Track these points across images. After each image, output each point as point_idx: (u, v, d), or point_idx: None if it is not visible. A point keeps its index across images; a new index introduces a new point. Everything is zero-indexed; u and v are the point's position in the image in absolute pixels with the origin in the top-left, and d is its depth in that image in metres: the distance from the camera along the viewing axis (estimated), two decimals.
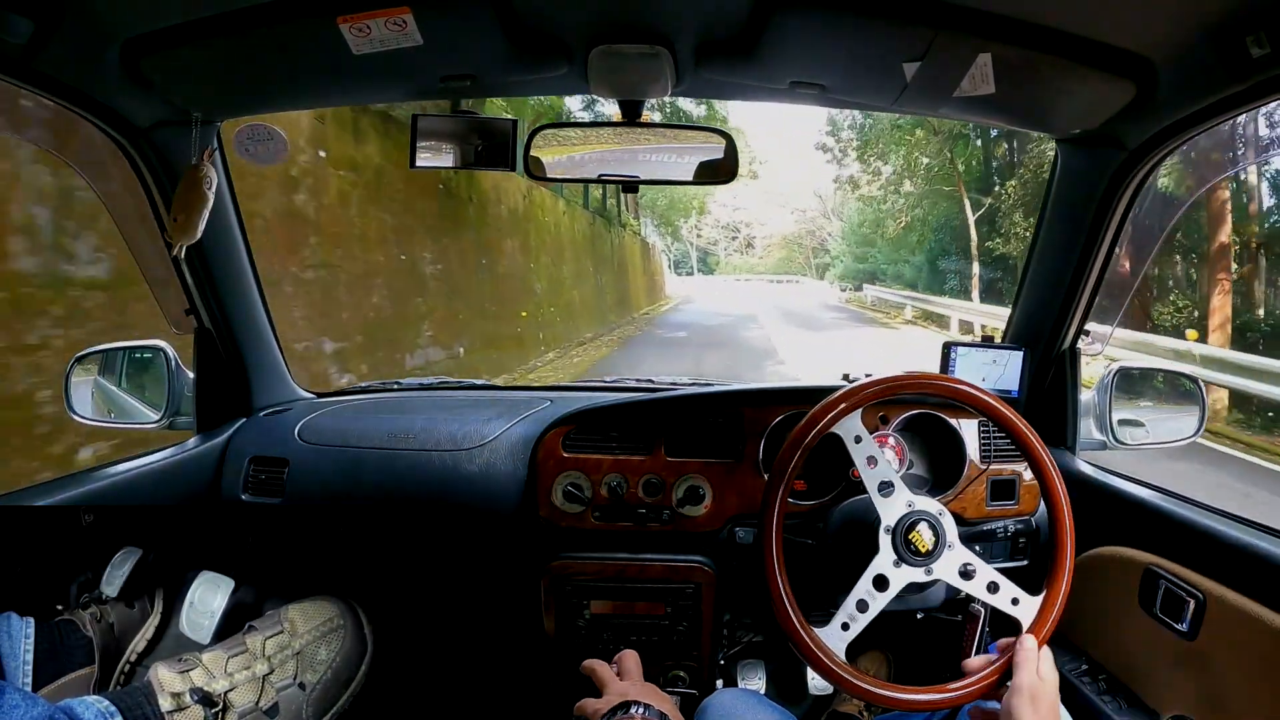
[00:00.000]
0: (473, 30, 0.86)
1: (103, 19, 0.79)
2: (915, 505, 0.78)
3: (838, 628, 0.76)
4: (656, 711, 0.66)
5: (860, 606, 0.77)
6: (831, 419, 0.79)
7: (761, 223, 51.51)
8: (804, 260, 45.90)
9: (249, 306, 1.26)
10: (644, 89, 0.98)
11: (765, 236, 52.16)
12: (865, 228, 26.81)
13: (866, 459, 1.09)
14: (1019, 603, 0.77)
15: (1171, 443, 1.22)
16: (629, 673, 0.75)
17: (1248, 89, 0.76)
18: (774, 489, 0.78)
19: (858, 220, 28.77)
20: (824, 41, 0.87)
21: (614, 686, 0.72)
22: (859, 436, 0.79)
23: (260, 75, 0.96)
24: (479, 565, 1.24)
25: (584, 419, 1.15)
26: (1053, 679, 0.70)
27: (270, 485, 1.19)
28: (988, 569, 0.78)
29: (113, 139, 1.00)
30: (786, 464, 0.78)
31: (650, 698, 0.69)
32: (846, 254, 30.41)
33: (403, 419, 1.28)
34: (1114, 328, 1.17)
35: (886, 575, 0.77)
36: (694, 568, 1.13)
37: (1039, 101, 0.94)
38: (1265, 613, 0.78)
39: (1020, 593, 0.77)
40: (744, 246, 53.84)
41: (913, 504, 0.79)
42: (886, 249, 23.62)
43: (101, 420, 1.25)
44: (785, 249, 48.70)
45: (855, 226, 29.18)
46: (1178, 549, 0.93)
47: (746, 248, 53.90)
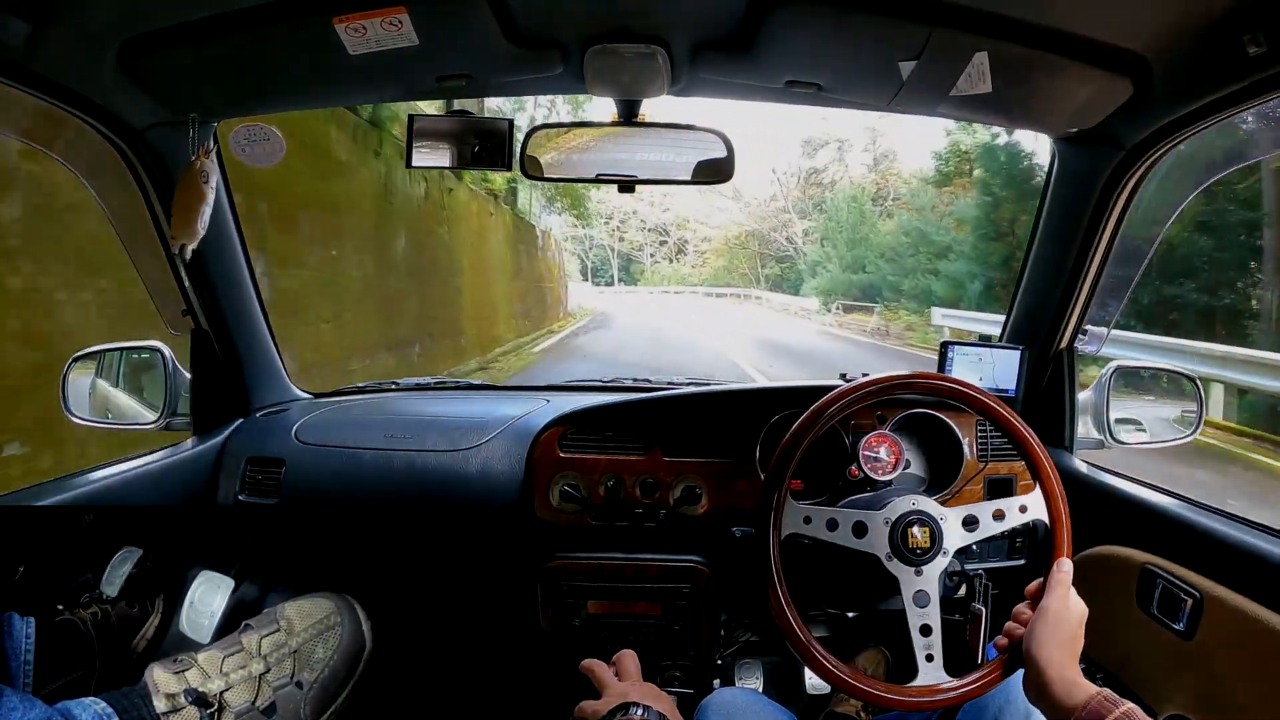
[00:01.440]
0: (468, 30, 0.86)
1: (99, 20, 0.79)
2: (915, 505, 0.78)
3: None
4: (656, 713, 0.66)
5: (830, 524, 0.77)
6: (828, 418, 0.79)
7: (700, 221, 42.11)
8: (749, 269, 36.22)
9: (246, 307, 1.26)
10: (640, 88, 0.98)
11: (701, 240, 42.78)
12: (909, 239, 16.40)
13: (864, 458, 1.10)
14: (931, 660, 0.75)
15: (1169, 442, 1.21)
16: (628, 673, 0.75)
17: (1245, 87, 0.76)
18: (771, 488, 0.78)
19: (848, 217, 22.32)
20: (819, 40, 0.87)
21: (613, 687, 0.72)
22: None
23: (257, 76, 0.96)
24: (476, 565, 1.24)
25: (581, 419, 1.15)
26: (1080, 611, 0.69)
27: (267, 486, 1.19)
28: (937, 618, 0.76)
29: (109, 140, 1.00)
30: (784, 463, 0.78)
31: (649, 698, 0.69)
32: (832, 261, 22.21)
33: (399, 419, 1.28)
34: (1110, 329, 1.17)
35: (867, 526, 0.77)
36: (691, 567, 1.13)
37: (1036, 100, 0.93)
38: (1262, 612, 0.78)
39: (939, 656, 0.75)
40: (674, 253, 44.89)
41: (913, 504, 0.78)
42: (924, 257, 14.96)
43: (98, 421, 1.25)
44: (726, 255, 38.61)
45: (847, 225, 22.21)
46: (1175, 548, 0.93)
47: (677, 254, 44.74)
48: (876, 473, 1.09)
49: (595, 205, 27.81)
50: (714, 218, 40.78)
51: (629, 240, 45.19)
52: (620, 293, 37.11)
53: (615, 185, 1.07)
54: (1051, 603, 0.69)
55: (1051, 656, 0.65)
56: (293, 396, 1.41)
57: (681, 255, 45.09)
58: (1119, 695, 0.60)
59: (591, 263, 43.76)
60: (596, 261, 44.56)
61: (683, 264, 44.46)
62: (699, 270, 41.64)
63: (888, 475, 1.09)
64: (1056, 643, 0.66)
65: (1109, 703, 0.60)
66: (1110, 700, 0.60)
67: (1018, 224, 11.74)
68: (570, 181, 1.11)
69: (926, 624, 0.75)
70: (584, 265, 41.99)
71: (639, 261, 46.23)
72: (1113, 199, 1.03)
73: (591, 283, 38.93)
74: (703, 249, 42.58)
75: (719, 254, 39.85)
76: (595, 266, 44.19)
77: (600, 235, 41.63)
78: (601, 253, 45.86)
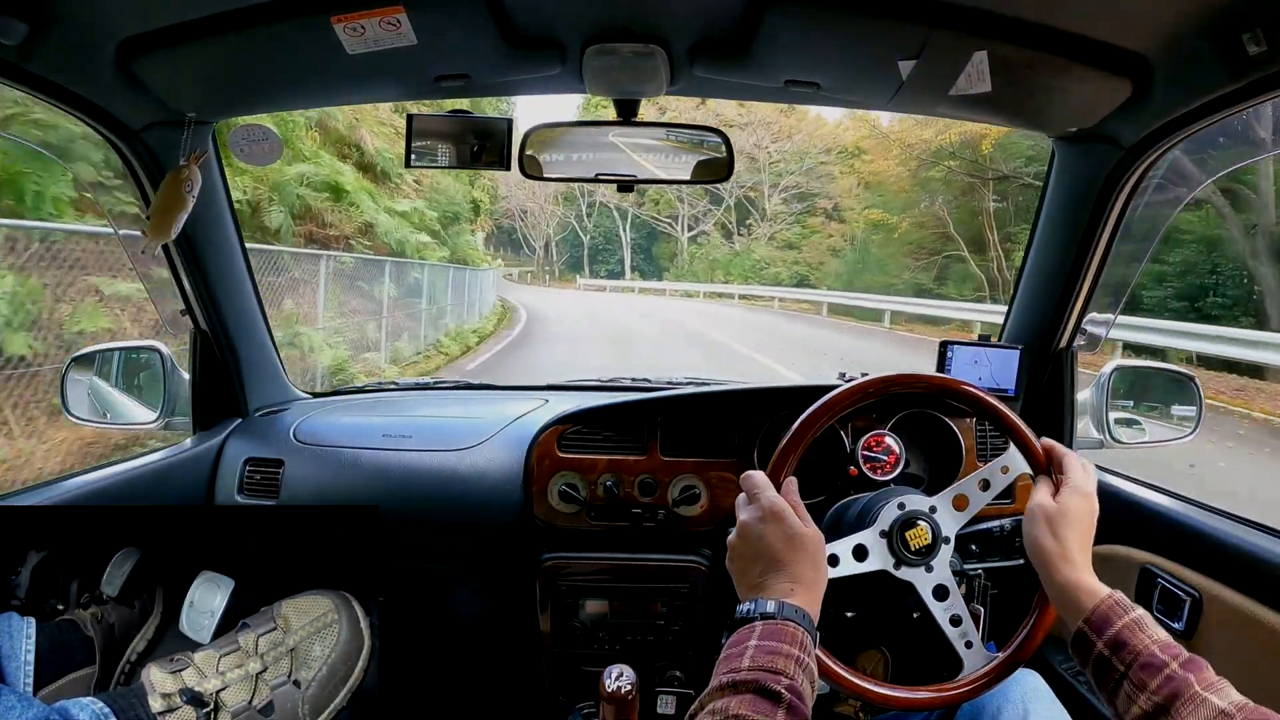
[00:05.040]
0: (467, 30, 0.85)
1: (97, 20, 0.79)
2: (903, 507, 0.78)
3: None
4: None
5: (831, 560, 0.74)
6: (828, 418, 0.78)
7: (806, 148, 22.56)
8: (919, 255, 16.10)
9: (244, 307, 1.26)
10: (639, 88, 0.98)
11: (792, 189, 22.64)
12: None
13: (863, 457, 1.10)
14: (970, 647, 0.74)
15: (1169, 442, 1.21)
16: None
17: (1244, 86, 0.76)
18: None
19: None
20: (818, 40, 0.87)
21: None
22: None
23: (255, 76, 0.96)
24: (475, 565, 1.25)
25: (580, 419, 1.15)
26: (1093, 508, 0.67)
27: (265, 486, 1.20)
28: (960, 604, 0.76)
29: (107, 140, 1.00)
30: (783, 462, 0.78)
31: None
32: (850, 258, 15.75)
33: (398, 419, 1.28)
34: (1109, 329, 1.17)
35: (867, 547, 0.76)
36: (689, 567, 1.13)
37: (1035, 100, 0.93)
38: (1261, 611, 0.78)
39: (976, 639, 0.74)
40: (737, 221, 24.85)
41: (900, 506, 0.78)
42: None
43: (97, 421, 1.25)
44: (878, 229, 17.87)
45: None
46: (1174, 548, 0.93)
47: (740, 224, 24.75)
48: (875, 472, 1.09)
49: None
50: (844, 135, 21.65)
51: (656, 200, 25.33)
52: (604, 298, 20.61)
53: (615, 185, 1.07)
54: (1077, 477, 0.67)
55: (1081, 557, 0.63)
56: (291, 396, 1.41)
57: (751, 223, 24.24)
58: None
59: (590, 240, 29.72)
60: (597, 238, 29.82)
61: (755, 238, 23.86)
62: (792, 258, 21.72)
63: (886, 475, 1.09)
64: (1079, 545, 0.64)
65: (1119, 607, 0.59)
66: (1121, 605, 0.59)
67: None
68: (570, 181, 1.11)
69: (955, 614, 0.75)
70: (579, 248, 30.19)
71: (670, 237, 27.60)
72: (1112, 199, 1.03)
73: (588, 276, 28.07)
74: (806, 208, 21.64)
75: (864, 214, 19.26)
76: (595, 246, 29.89)
77: (602, 192, 24.42)
78: (606, 222, 28.94)
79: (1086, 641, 0.59)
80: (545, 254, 31.85)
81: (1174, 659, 0.55)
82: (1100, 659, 0.58)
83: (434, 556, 1.25)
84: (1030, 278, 1.20)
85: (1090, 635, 0.59)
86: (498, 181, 18.37)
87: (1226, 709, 0.53)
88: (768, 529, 0.66)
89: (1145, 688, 0.55)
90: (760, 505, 0.68)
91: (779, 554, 0.64)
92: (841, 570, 0.75)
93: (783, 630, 0.57)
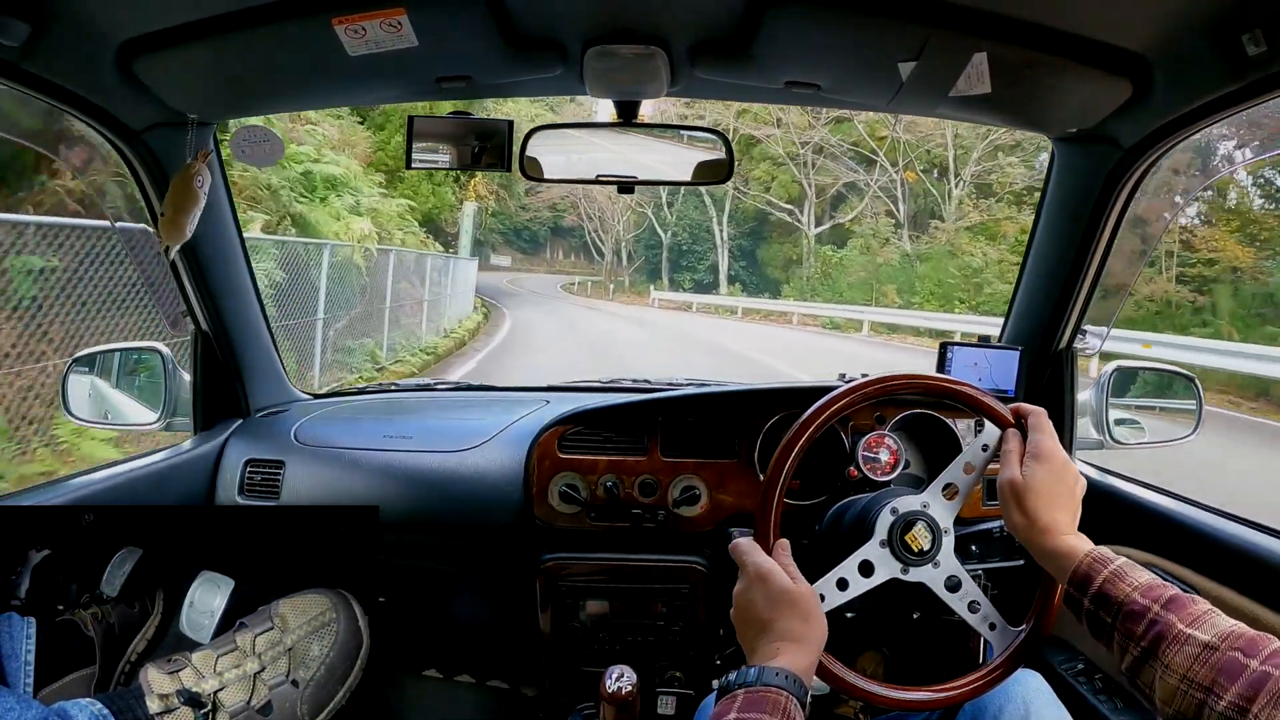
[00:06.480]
0: (468, 31, 0.86)
1: (98, 21, 0.79)
2: (896, 510, 0.77)
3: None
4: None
5: (840, 584, 0.75)
6: (828, 419, 0.78)
7: None
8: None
9: (245, 309, 1.26)
10: (639, 89, 0.98)
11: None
12: None
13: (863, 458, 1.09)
14: (995, 628, 0.74)
15: (1169, 442, 1.21)
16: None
17: (1244, 87, 0.76)
18: (770, 488, 0.78)
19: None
20: (818, 41, 0.87)
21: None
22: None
23: (256, 77, 0.96)
24: (476, 565, 1.24)
25: (580, 419, 1.15)
26: (1075, 472, 0.67)
27: (266, 486, 1.20)
28: (974, 588, 0.75)
29: (109, 141, 1.00)
30: (782, 463, 0.78)
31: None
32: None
33: (398, 420, 1.28)
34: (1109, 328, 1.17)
35: (872, 561, 0.76)
36: (689, 568, 1.13)
37: (1035, 100, 0.93)
38: (1262, 611, 0.78)
39: (999, 619, 0.74)
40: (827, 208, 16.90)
41: (894, 509, 0.77)
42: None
43: (98, 422, 1.25)
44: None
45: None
46: (1175, 548, 0.93)
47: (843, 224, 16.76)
48: (875, 473, 1.09)
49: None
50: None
51: (766, 181, 18.06)
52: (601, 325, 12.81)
53: (615, 186, 1.07)
54: (1046, 442, 0.67)
55: (1056, 520, 0.64)
56: (292, 397, 1.42)
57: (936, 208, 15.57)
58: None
59: (673, 238, 20.94)
60: (681, 236, 20.97)
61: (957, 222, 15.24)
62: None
63: (886, 476, 1.09)
64: (1049, 511, 0.64)
65: (1098, 563, 0.60)
66: (1100, 560, 0.60)
67: None
68: (570, 182, 1.11)
69: (972, 601, 0.74)
70: (657, 250, 21.83)
71: (788, 232, 19.25)
72: (1112, 199, 1.03)
73: (666, 288, 20.27)
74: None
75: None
76: (679, 247, 21.08)
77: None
78: (692, 214, 20.73)
79: (1076, 602, 0.60)
80: (615, 259, 25.11)
81: (1155, 601, 0.56)
82: (1091, 615, 0.59)
83: (434, 557, 1.25)
84: (1030, 278, 1.20)
85: (1076, 595, 0.60)
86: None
87: (1211, 641, 0.53)
88: (755, 594, 0.67)
89: (1133, 636, 0.56)
90: (747, 573, 0.69)
91: (764, 615, 0.65)
92: (852, 592, 0.75)
93: (763, 699, 0.56)
